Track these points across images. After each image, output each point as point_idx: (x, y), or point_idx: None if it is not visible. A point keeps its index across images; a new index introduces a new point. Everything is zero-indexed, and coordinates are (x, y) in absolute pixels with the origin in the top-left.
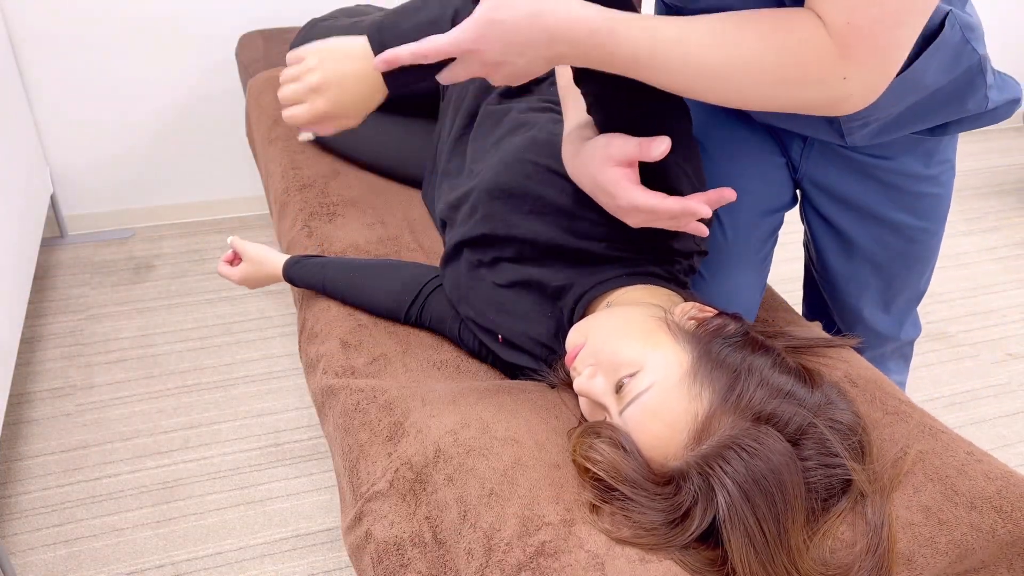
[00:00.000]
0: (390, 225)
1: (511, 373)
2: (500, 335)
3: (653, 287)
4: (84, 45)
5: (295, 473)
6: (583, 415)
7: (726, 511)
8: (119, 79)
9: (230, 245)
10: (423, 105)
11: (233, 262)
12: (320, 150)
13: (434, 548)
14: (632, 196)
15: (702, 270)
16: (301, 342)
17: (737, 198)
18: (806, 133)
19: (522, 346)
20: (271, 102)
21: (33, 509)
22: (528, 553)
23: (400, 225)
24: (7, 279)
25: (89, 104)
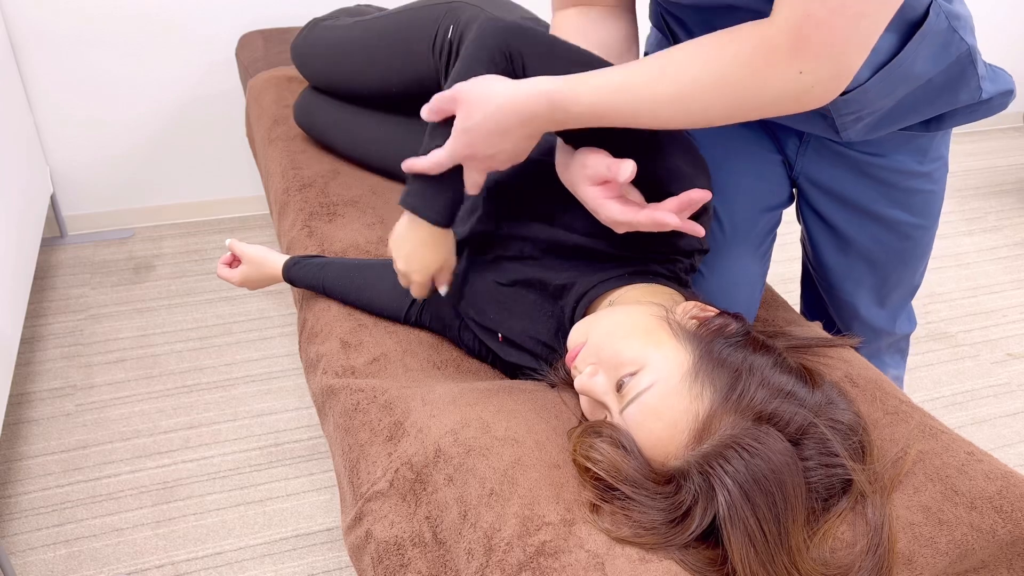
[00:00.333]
0: (390, 225)
1: (511, 373)
2: (500, 334)
3: (655, 286)
4: (84, 45)
5: (295, 473)
6: (583, 414)
7: (727, 510)
8: (119, 79)
9: (228, 247)
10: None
11: (232, 264)
12: (320, 150)
13: (434, 548)
14: (609, 211)
15: (701, 267)
16: (301, 342)
17: (735, 196)
18: (802, 129)
19: (522, 345)
20: (271, 102)
21: (33, 509)
22: (528, 553)
23: None
24: (7, 279)
25: (89, 104)
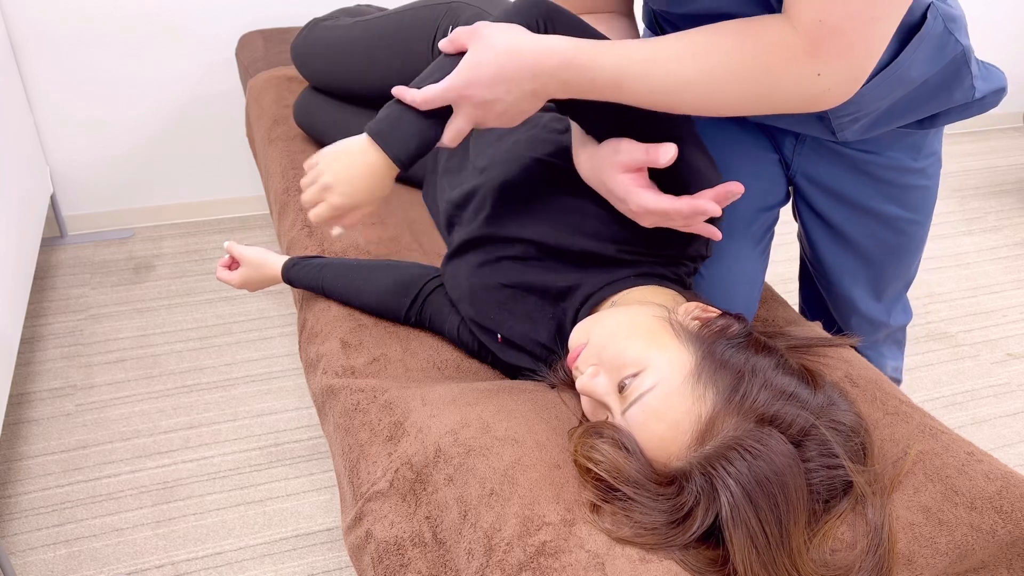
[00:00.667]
0: (390, 225)
1: (511, 373)
2: (500, 335)
3: (656, 287)
4: (84, 45)
5: (295, 473)
6: (584, 415)
7: (729, 512)
8: (119, 79)
9: (226, 250)
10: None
11: (231, 266)
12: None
13: (434, 548)
14: (642, 200)
15: (700, 268)
16: (301, 342)
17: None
18: (798, 131)
19: (522, 346)
20: (271, 102)
21: (33, 509)
22: (529, 553)
23: (400, 225)
24: (7, 279)
25: (89, 104)
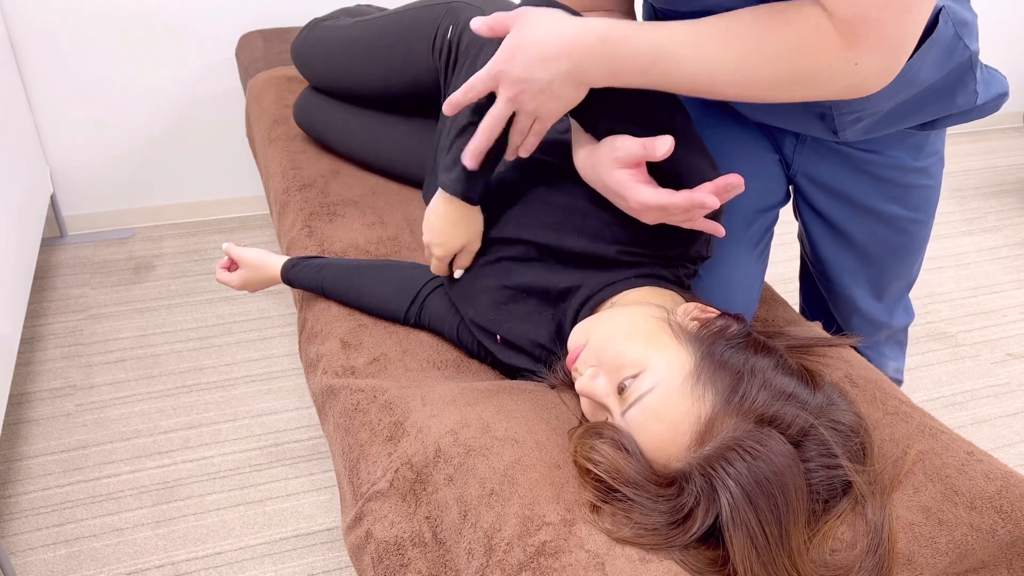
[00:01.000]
0: (390, 225)
1: (510, 374)
2: (499, 335)
3: (655, 288)
4: (84, 45)
5: (295, 473)
6: (584, 415)
7: (729, 512)
8: (119, 79)
9: (225, 252)
10: (423, 105)
11: (231, 268)
12: (320, 150)
13: (434, 548)
14: (641, 195)
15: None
16: (301, 342)
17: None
18: (799, 131)
19: (521, 347)
20: (271, 102)
21: (33, 509)
22: (529, 553)
23: (400, 225)
24: (7, 279)
25: (89, 104)
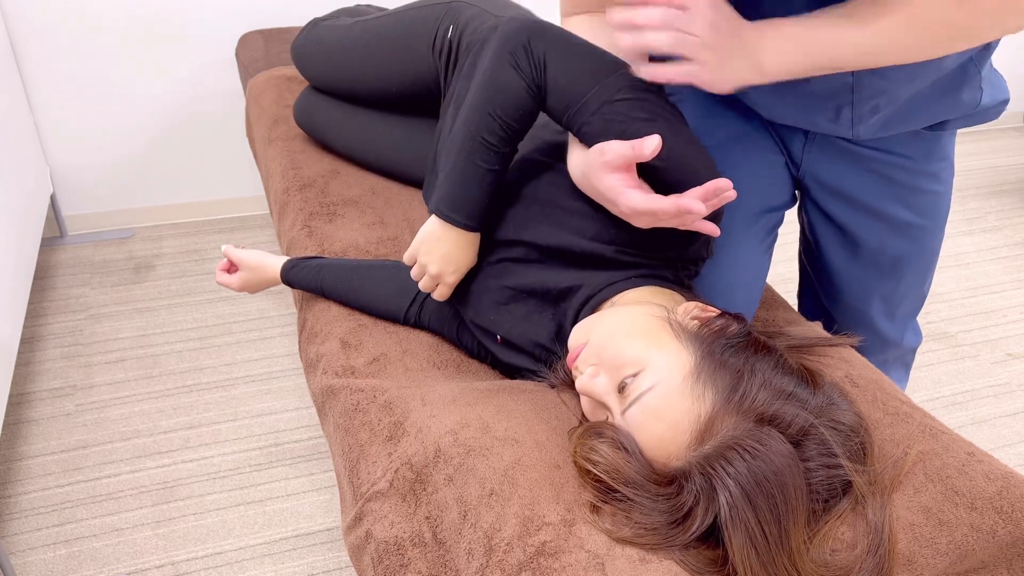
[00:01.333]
0: (390, 225)
1: (510, 374)
2: (499, 335)
3: (656, 287)
4: (84, 45)
5: (295, 473)
6: (584, 415)
7: (728, 512)
8: (119, 79)
9: (224, 254)
10: (423, 105)
11: (230, 270)
12: (320, 150)
13: (434, 548)
14: (630, 200)
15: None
16: (301, 342)
17: (736, 196)
18: (813, 128)
19: (522, 347)
20: (271, 102)
21: (33, 509)
22: (528, 553)
23: (400, 225)
24: (7, 279)
25: (89, 104)
